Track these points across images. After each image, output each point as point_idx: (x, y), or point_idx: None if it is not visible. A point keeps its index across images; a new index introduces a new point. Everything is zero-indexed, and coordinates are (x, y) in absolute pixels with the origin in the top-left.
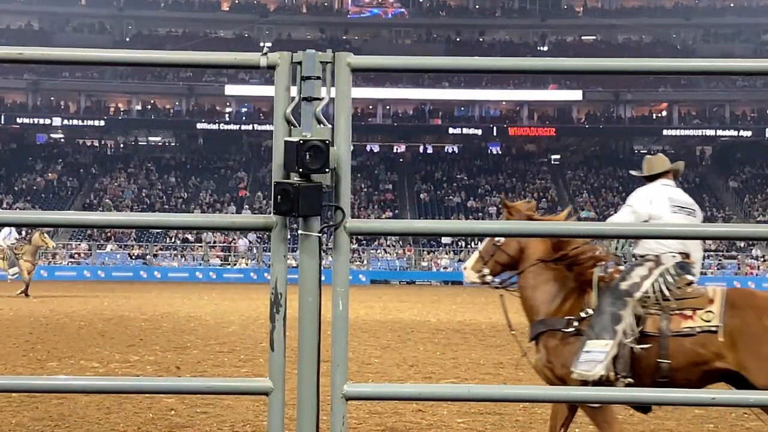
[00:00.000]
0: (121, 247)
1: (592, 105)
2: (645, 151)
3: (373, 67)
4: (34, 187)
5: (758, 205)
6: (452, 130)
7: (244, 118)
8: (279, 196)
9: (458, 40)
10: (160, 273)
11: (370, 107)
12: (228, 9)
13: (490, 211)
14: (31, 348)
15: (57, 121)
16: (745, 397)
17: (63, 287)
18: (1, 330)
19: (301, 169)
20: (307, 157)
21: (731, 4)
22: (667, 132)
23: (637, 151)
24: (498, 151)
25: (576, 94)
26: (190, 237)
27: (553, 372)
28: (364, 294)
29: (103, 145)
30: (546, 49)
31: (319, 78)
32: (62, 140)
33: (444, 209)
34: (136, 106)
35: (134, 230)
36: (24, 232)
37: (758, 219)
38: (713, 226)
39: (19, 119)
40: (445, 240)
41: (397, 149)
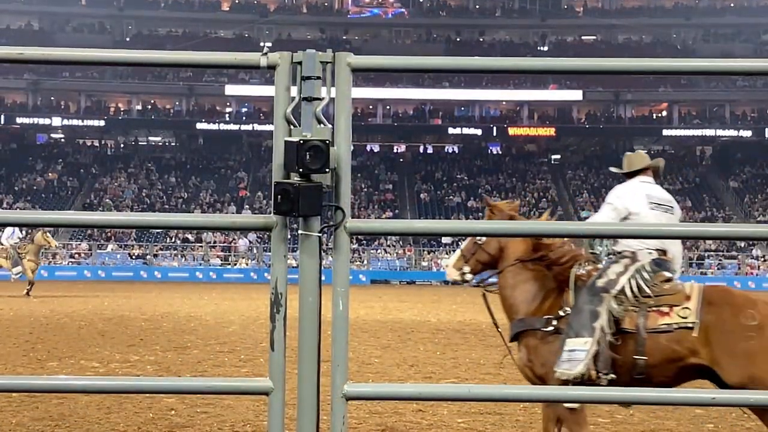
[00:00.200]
0: (121, 247)
1: (592, 105)
2: (645, 151)
3: (373, 67)
4: (34, 187)
5: (758, 205)
6: (452, 130)
7: (244, 118)
8: (279, 196)
9: (458, 40)
10: (161, 273)
11: (370, 107)
12: (228, 9)
13: None
14: (32, 348)
15: (57, 121)
16: (746, 397)
17: (63, 287)
18: (1, 330)
19: (301, 169)
20: (308, 157)
21: (731, 4)
22: (667, 132)
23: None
24: (498, 151)
25: (576, 94)
26: (191, 237)
27: (533, 371)
28: (365, 294)
29: (103, 145)
30: (546, 49)
31: (319, 78)
32: (62, 140)
33: (444, 209)
34: (137, 106)
35: (134, 230)
36: (24, 232)
37: (758, 219)
38: (713, 226)
39: (19, 119)
40: (445, 240)
41: (397, 149)
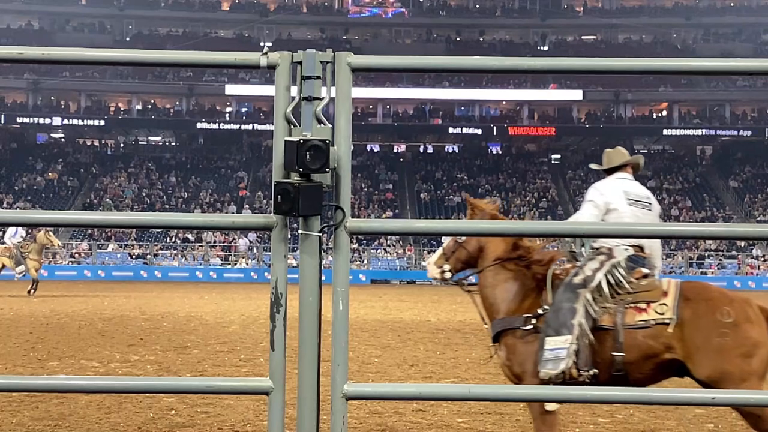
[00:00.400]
0: (121, 247)
1: (593, 105)
2: (645, 151)
3: (374, 67)
4: (35, 187)
5: (758, 205)
6: (452, 130)
7: (245, 118)
8: (279, 196)
9: (458, 40)
10: (161, 273)
11: (371, 107)
12: (228, 9)
13: None
14: (32, 348)
15: (57, 121)
16: (746, 397)
17: (63, 287)
18: (2, 330)
19: (301, 169)
20: (308, 157)
21: (731, 4)
22: (667, 132)
23: (637, 151)
24: (498, 151)
25: (576, 94)
26: (191, 237)
27: (511, 370)
28: (365, 294)
29: (104, 145)
30: (546, 48)
31: (319, 78)
32: (62, 140)
33: (444, 209)
34: (137, 106)
35: (134, 230)
36: (27, 231)
37: (758, 219)
38: (713, 226)
39: (19, 119)
40: (445, 240)
41: (397, 149)
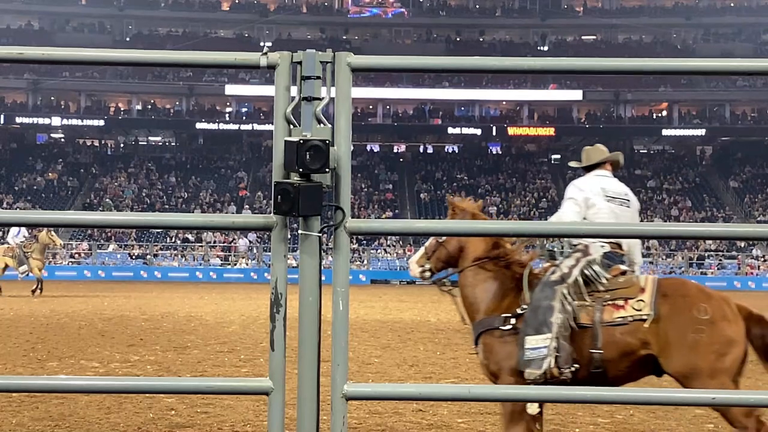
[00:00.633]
0: (121, 247)
1: (592, 105)
2: (645, 151)
3: (373, 67)
4: (35, 187)
5: (758, 205)
6: (452, 130)
7: (244, 118)
8: (279, 196)
9: (458, 40)
10: (161, 273)
11: (371, 107)
12: (228, 9)
13: (491, 210)
14: (32, 348)
15: (57, 121)
16: (746, 397)
17: (63, 287)
18: (2, 330)
19: (301, 169)
20: (308, 157)
21: (731, 4)
22: (667, 132)
23: (637, 151)
24: (498, 151)
25: (576, 94)
26: (191, 237)
27: (488, 368)
28: (365, 294)
29: (104, 145)
30: (546, 49)
31: (319, 78)
32: (62, 140)
33: (444, 209)
34: (137, 106)
35: (134, 230)
36: (28, 231)
37: (758, 219)
38: (713, 226)
39: (19, 119)
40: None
41: (397, 149)
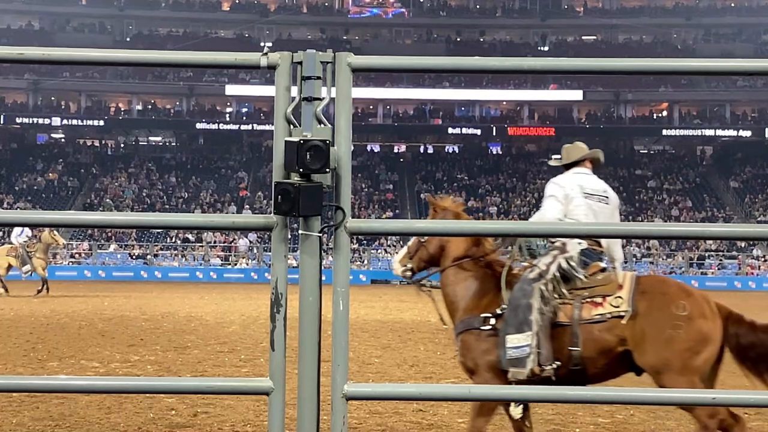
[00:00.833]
0: (121, 247)
1: (593, 105)
2: (645, 151)
3: (374, 67)
4: (35, 187)
5: (759, 205)
6: (452, 130)
7: (245, 118)
8: (279, 196)
9: (458, 40)
10: (161, 273)
11: (371, 107)
12: (228, 9)
13: (491, 211)
14: (32, 348)
15: (57, 121)
16: (746, 397)
17: (63, 287)
18: (2, 330)
19: (301, 169)
20: (308, 157)
21: (731, 4)
22: (667, 132)
23: (637, 151)
24: (498, 151)
25: (576, 94)
26: (191, 237)
27: (465, 365)
28: (365, 294)
29: (104, 145)
30: (546, 49)
31: (319, 78)
32: (63, 140)
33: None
34: (137, 106)
35: (135, 230)
36: (31, 231)
37: (759, 219)
38: (713, 226)
39: (19, 119)
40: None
41: (397, 149)
